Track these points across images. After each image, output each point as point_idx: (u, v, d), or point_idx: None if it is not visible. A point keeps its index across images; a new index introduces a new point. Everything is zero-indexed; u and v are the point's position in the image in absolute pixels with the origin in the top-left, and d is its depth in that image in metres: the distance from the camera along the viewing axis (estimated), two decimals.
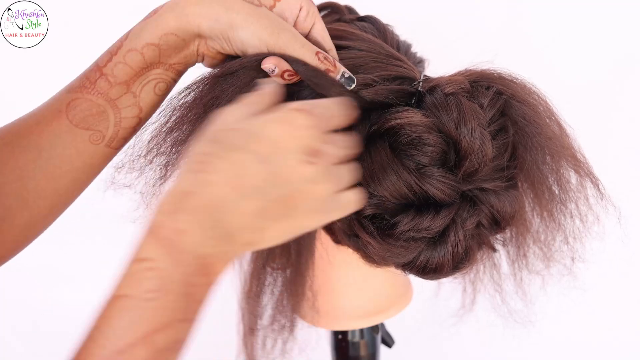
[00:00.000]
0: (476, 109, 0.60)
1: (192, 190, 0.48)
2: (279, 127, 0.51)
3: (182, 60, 0.61)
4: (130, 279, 0.46)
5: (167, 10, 0.59)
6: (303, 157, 0.51)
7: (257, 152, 0.49)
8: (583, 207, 0.69)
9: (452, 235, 0.62)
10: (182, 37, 0.59)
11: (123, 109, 0.60)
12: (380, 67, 0.63)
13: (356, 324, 0.79)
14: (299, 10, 0.61)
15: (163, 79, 0.61)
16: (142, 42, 0.59)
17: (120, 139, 0.62)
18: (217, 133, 0.51)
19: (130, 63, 0.59)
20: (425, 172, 0.60)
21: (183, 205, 0.47)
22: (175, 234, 0.47)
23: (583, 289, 0.83)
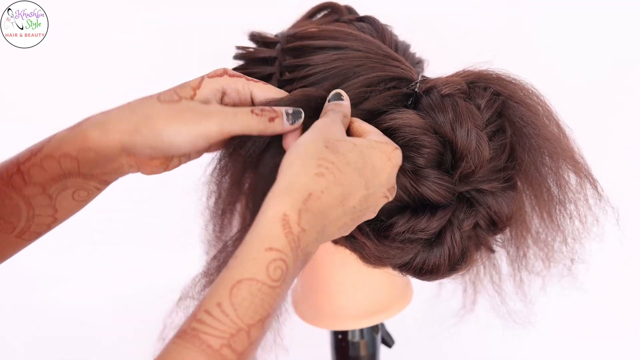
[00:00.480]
0: (473, 110, 0.60)
1: (315, 193, 0.51)
2: (382, 158, 0.56)
3: (107, 171, 0.59)
4: (258, 264, 0.48)
5: (90, 125, 0.57)
6: (386, 191, 0.57)
7: (366, 178, 0.54)
8: (582, 208, 0.69)
9: (448, 237, 0.62)
10: (102, 153, 0.57)
11: (37, 207, 0.58)
12: (378, 67, 0.63)
13: (356, 324, 0.79)
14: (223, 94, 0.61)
15: (83, 187, 0.59)
16: (60, 151, 0.57)
17: (32, 233, 0.60)
18: (335, 142, 0.54)
19: (46, 168, 0.57)
20: (421, 173, 0.60)
21: (308, 206, 0.50)
22: (299, 231, 0.49)
23: (582, 290, 0.83)
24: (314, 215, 0.50)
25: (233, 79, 0.61)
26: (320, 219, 0.51)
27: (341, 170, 0.52)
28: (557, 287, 0.81)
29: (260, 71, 0.69)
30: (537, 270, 0.78)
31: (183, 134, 0.56)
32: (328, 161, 0.52)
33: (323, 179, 0.51)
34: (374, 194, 0.55)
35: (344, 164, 0.53)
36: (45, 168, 0.57)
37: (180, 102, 0.57)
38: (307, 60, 0.65)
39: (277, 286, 0.48)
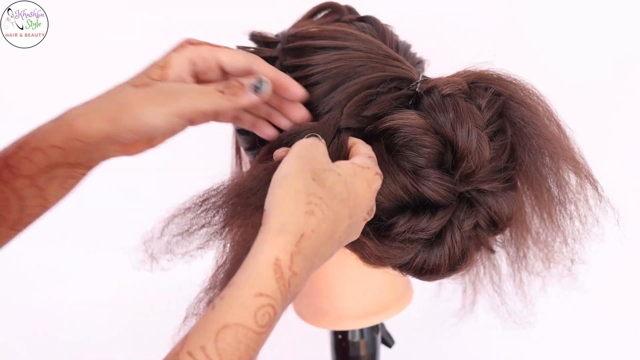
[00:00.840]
0: (473, 110, 0.60)
1: (306, 233, 0.50)
2: (363, 184, 0.56)
3: (94, 158, 0.60)
4: (246, 310, 0.47)
5: (74, 116, 0.58)
6: (366, 215, 0.57)
7: (350, 208, 0.54)
8: (582, 208, 0.69)
9: (448, 237, 0.62)
10: (88, 142, 0.58)
11: (27, 198, 0.59)
12: (378, 67, 0.63)
13: (356, 324, 0.79)
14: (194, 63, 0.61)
15: (71, 175, 0.60)
16: (47, 143, 0.58)
17: (24, 224, 0.61)
18: (320, 173, 0.54)
19: (34, 160, 0.58)
20: (421, 173, 0.60)
21: (300, 248, 0.49)
22: (290, 275, 0.49)
23: (582, 290, 0.83)
24: (305, 257, 0.50)
25: (196, 47, 0.61)
26: (311, 258, 0.50)
27: (328, 205, 0.52)
28: (557, 287, 0.82)
29: None
30: (537, 270, 0.78)
31: (159, 116, 0.57)
32: (317, 197, 0.52)
33: (313, 217, 0.51)
34: (356, 221, 0.55)
35: (331, 198, 0.52)
36: (33, 160, 0.58)
37: (152, 84, 0.59)
38: (308, 60, 0.65)
39: (264, 332, 0.47)
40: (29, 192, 0.59)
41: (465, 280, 0.85)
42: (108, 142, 0.58)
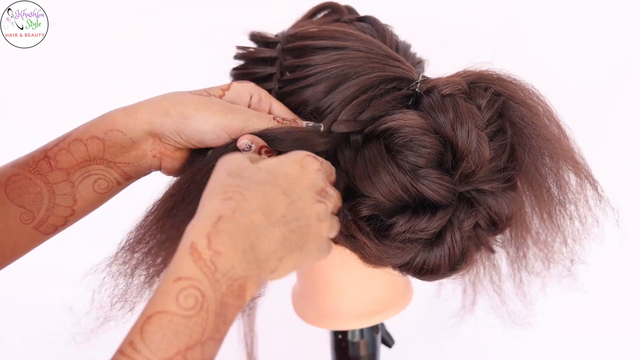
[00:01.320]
0: (473, 110, 0.60)
1: (226, 214, 0.49)
2: (294, 166, 0.55)
3: (130, 160, 0.61)
4: (167, 296, 0.46)
5: (119, 109, 0.61)
6: (315, 195, 0.54)
7: (281, 186, 0.53)
8: (582, 208, 0.69)
9: (448, 237, 0.62)
10: (129, 135, 0.60)
11: (58, 195, 0.60)
12: (378, 67, 0.63)
13: (356, 324, 0.79)
14: (250, 98, 0.64)
15: (104, 177, 0.61)
16: (88, 134, 0.60)
17: (49, 225, 0.62)
18: (237, 170, 0.53)
19: (73, 152, 0.60)
20: (421, 173, 0.60)
21: (219, 228, 0.49)
22: (212, 255, 0.48)
23: (582, 290, 0.83)
24: (231, 235, 0.49)
25: (258, 87, 0.64)
26: (241, 237, 0.49)
27: (249, 189, 0.51)
28: (557, 287, 0.82)
29: (260, 71, 0.69)
30: (537, 270, 0.78)
31: (209, 123, 0.59)
32: (233, 186, 0.51)
33: (231, 201, 0.50)
34: (299, 199, 0.53)
35: (251, 183, 0.52)
36: (72, 152, 0.60)
37: (210, 97, 0.61)
38: (308, 61, 0.65)
39: (193, 314, 0.46)
40: (62, 187, 0.60)
41: (465, 280, 0.85)
42: (149, 140, 0.60)
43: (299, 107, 0.65)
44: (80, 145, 0.60)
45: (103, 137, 0.60)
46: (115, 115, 0.60)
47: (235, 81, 0.64)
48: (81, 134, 0.60)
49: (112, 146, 0.60)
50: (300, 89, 0.65)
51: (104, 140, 0.60)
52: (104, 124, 0.60)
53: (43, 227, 0.61)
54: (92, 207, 0.63)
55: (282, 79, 0.67)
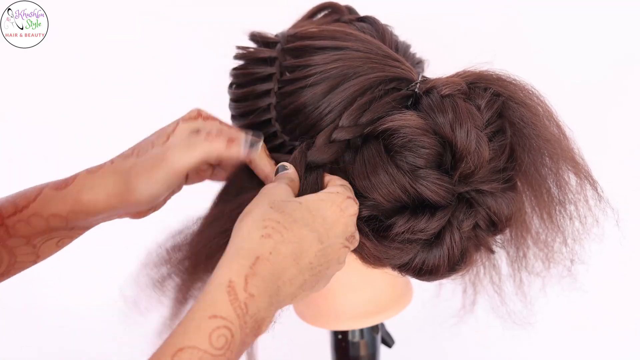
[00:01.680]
0: (472, 110, 0.60)
1: (263, 256, 0.50)
2: (332, 208, 0.55)
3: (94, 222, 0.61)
4: (200, 332, 0.46)
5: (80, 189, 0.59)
6: (344, 241, 0.56)
7: (317, 231, 0.53)
8: (582, 209, 0.69)
9: (447, 237, 0.62)
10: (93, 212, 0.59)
11: (19, 255, 0.60)
12: (377, 67, 0.63)
13: (356, 324, 0.79)
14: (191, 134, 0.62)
15: (69, 236, 0.61)
16: (48, 211, 0.59)
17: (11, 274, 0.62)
18: (280, 203, 0.53)
19: (32, 225, 0.59)
20: (420, 174, 0.60)
21: (256, 270, 0.49)
22: (245, 297, 0.48)
23: (582, 291, 0.83)
24: (264, 279, 0.49)
25: (207, 122, 0.63)
26: (272, 281, 0.50)
27: (288, 228, 0.51)
28: (557, 287, 0.81)
29: (260, 71, 0.69)
30: (537, 270, 0.78)
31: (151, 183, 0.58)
32: (273, 221, 0.51)
33: (270, 239, 0.50)
34: (330, 246, 0.54)
35: (291, 222, 0.52)
36: (31, 224, 0.59)
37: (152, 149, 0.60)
38: (308, 61, 0.65)
39: (221, 355, 0.46)
40: (22, 249, 0.60)
41: (465, 281, 0.85)
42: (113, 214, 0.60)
43: (299, 108, 0.65)
44: (41, 220, 0.59)
45: (65, 216, 0.59)
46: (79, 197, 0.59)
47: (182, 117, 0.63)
48: (41, 209, 0.59)
49: (76, 220, 0.59)
50: (300, 89, 0.65)
51: (66, 218, 0.59)
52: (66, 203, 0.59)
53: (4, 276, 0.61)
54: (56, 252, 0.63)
55: (281, 79, 0.67)
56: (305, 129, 0.65)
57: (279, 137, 0.67)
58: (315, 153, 0.61)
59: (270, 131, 0.68)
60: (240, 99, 0.70)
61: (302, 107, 0.65)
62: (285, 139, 0.67)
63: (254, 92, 0.68)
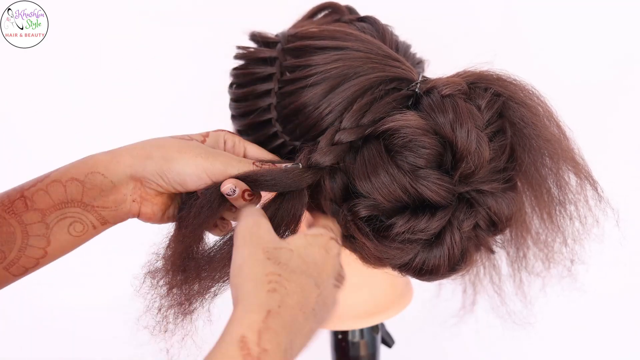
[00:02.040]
0: (473, 110, 0.60)
1: (274, 310, 0.50)
2: (320, 252, 0.56)
3: (109, 204, 0.61)
4: None
5: (101, 152, 0.61)
6: (335, 281, 0.56)
7: (313, 277, 0.54)
8: (582, 209, 0.69)
9: (448, 237, 0.62)
10: (110, 178, 0.60)
11: (32, 236, 0.59)
12: (378, 67, 0.63)
13: (356, 324, 0.80)
14: (224, 143, 0.65)
15: (81, 220, 0.61)
16: (68, 175, 0.59)
17: (20, 266, 0.61)
18: (272, 252, 0.53)
19: (51, 193, 0.59)
20: (420, 174, 0.60)
21: (268, 325, 0.49)
22: (259, 352, 0.47)
23: (582, 291, 0.83)
24: (277, 333, 0.49)
25: (231, 134, 0.66)
26: (285, 335, 0.49)
27: (289, 280, 0.51)
28: (557, 287, 0.81)
29: (260, 71, 0.69)
30: (537, 271, 0.78)
31: (191, 165, 0.59)
32: (275, 274, 0.51)
33: (276, 294, 0.50)
34: (325, 288, 0.54)
35: (290, 273, 0.52)
36: (50, 193, 0.59)
37: (192, 140, 0.62)
38: (308, 61, 0.65)
39: None
40: (36, 229, 0.59)
41: (465, 281, 0.85)
42: (130, 184, 0.60)
43: (299, 108, 0.65)
44: (59, 187, 0.59)
45: (83, 180, 0.59)
46: (97, 158, 0.60)
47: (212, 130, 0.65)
48: (61, 175, 0.60)
49: (92, 189, 0.59)
50: (300, 89, 0.65)
51: (83, 183, 0.59)
52: (85, 166, 0.60)
53: (13, 268, 0.60)
54: (64, 250, 0.62)
55: (282, 79, 0.67)
56: (306, 129, 0.65)
57: (279, 137, 0.67)
58: (318, 156, 0.61)
59: (270, 131, 0.68)
60: (240, 99, 0.70)
61: (303, 107, 0.65)
62: (286, 139, 0.67)
63: (254, 92, 0.68)
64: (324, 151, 0.61)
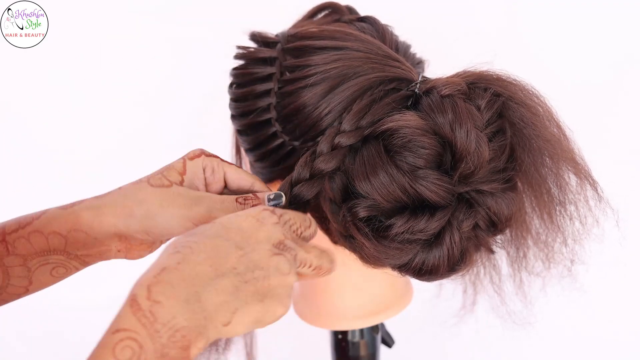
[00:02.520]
0: (472, 110, 0.60)
1: (170, 266, 0.49)
2: (249, 220, 0.54)
3: (93, 253, 0.61)
4: (105, 349, 0.46)
5: (84, 208, 0.59)
6: (272, 248, 0.53)
7: (234, 239, 0.52)
8: (582, 209, 0.69)
9: (447, 237, 0.61)
10: (93, 235, 0.59)
11: (13, 277, 0.59)
12: (377, 68, 0.63)
13: (356, 324, 0.80)
14: (204, 171, 0.63)
15: (64, 265, 0.60)
16: (49, 228, 0.59)
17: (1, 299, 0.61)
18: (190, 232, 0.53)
19: (32, 242, 0.59)
20: (420, 174, 0.60)
21: (160, 279, 0.48)
22: (150, 305, 0.47)
23: (582, 291, 0.83)
24: (172, 285, 0.47)
25: (209, 158, 0.64)
26: (184, 286, 0.48)
27: (199, 242, 0.51)
28: (557, 287, 0.81)
29: (260, 71, 0.69)
30: (537, 271, 0.78)
31: (175, 218, 0.58)
32: (183, 241, 0.51)
33: (178, 254, 0.50)
34: (253, 251, 0.52)
35: (202, 238, 0.51)
36: (31, 242, 0.59)
37: (172, 187, 0.60)
38: (308, 61, 0.65)
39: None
40: (17, 271, 0.59)
41: (465, 281, 0.85)
42: (114, 239, 0.60)
43: (299, 108, 0.65)
44: (41, 237, 0.59)
45: (66, 235, 0.59)
46: (79, 215, 0.59)
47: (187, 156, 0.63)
48: (43, 226, 0.59)
49: (75, 243, 0.59)
50: (300, 89, 0.65)
51: (66, 237, 0.59)
52: (67, 221, 0.59)
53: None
54: (47, 286, 0.62)
55: (281, 79, 0.67)
56: (305, 129, 0.65)
57: (278, 137, 0.68)
58: (321, 162, 0.61)
59: (270, 131, 0.68)
60: (240, 99, 0.70)
61: (302, 107, 0.65)
62: (285, 139, 0.67)
63: (254, 91, 0.68)
64: (326, 157, 0.61)
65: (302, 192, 0.62)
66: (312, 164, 0.61)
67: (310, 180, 0.61)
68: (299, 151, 0.67)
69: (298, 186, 0.62)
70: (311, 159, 0.62)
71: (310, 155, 0.62)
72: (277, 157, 0.68)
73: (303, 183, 0.62)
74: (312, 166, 0.61)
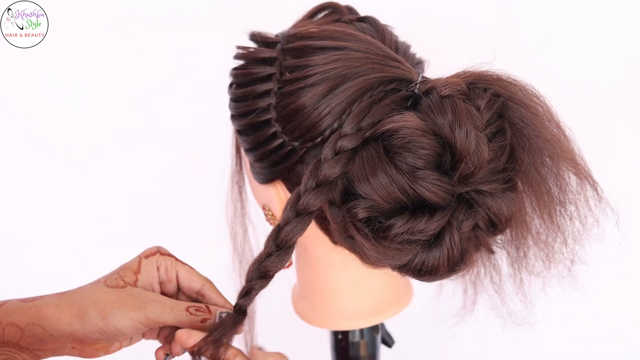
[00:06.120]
0: (472, 111, 0.60)
1: None
2: None
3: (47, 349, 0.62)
4: None
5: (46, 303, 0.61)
6: None
7: None
8: (582, 209, 0.69)
9: (447, 238, 0.61)
10: (50, 332, 0.60)
11: None
12: (377, 68, 0.63)
13: (356, 324, 0.80)
14: (157, 270, 0.65)
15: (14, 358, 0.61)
16: (8, 319, 0.60)
17: None
18: None
19: None
20: (419, 174, 0.59)
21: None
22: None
23: (583, 291, 0.83)
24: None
25: (164, 257, 0.66)
26: None
27: None
28: (557, 288, 0.81)
29: (260, 71, 0.69)
30: (537, 271, 0.78)
31: (127, 320, 0.60)
32: None
33: None
34: None
35: None
36: None
37: (126, 287, 0.62)
38: (308, 61, 0.65)
39: None
40: None
41: (465, 281, 0.85)
42: (70, 338, 0.61)
43: (299, 108, 0.65)
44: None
45: (23, 328, 0.60)
46: (41, 310, 0.60)
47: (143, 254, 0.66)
48: (1, 317, 0.60)
49: (31, 337, 0.60)
50: (300, 90, 0.65)
51: (23, 330, 0.60)
52: (27, 314, 0.60)
53: None
54: None
55: (281, 79, 0.67)
56: (305, 129, 0.65)
57: (278, 137, 0.68)
58: (327, 169, 0.61)
59: (269, 131, 0.68)
60: (240, 99, 0.70)
61: (302, 108, 0.65)
62: (285, 139, 0.67)
63: (254, 92, 0.68)
64: (331, 163, 0.61)
65: (309, 201, 0.61)
66: (317, 172, 0.61)
67: (317, 188, 0.61)
68: (298, 151, 0.67)
69: (305, 195, 0.61)
70: (316, 167, 0.61)
71: (315, 165, 0.62)
72: (277, 158, 0.68)
73: (310, 191, 0.61)
74: (318, 174, 0.61)
